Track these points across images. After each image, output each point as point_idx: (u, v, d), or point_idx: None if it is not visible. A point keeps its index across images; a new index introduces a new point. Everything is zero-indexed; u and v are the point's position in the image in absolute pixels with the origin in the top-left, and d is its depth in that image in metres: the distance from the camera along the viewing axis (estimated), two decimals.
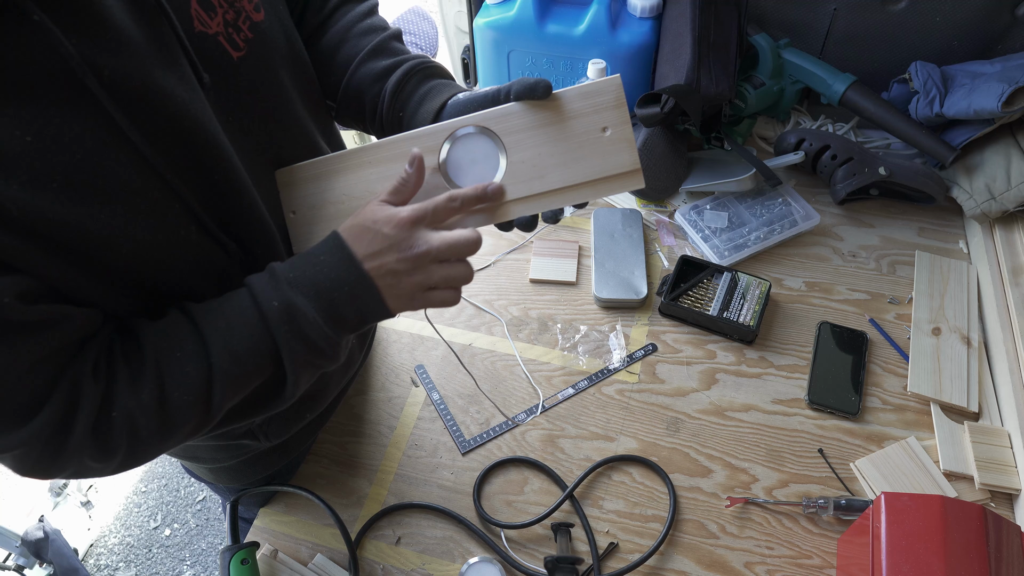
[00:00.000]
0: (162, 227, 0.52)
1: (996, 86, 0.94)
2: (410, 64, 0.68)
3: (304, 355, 0.56)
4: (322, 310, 0.55)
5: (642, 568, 0.77)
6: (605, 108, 0.60)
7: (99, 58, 0.46)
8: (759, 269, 1.02)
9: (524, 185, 0.61)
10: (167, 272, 0.55)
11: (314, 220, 0.64)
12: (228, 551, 0.74)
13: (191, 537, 1.80)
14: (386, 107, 0.69)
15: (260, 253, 0.61)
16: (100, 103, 0.46)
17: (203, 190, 0.54)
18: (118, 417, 0.51)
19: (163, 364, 0.52)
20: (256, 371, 0.56)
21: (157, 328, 0.54)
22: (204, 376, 0.53)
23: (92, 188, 0.47)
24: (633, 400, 0.90)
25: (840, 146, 1.06)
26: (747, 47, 1.13)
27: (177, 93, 0.50)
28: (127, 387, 0.52)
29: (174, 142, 0.51)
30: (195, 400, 0.53)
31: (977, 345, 0.91)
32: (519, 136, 0.61)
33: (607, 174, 0.60)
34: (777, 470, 0.83)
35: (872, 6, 1.08)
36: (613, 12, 1.10)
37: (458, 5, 1.32)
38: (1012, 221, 1.00)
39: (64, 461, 0.51)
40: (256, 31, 0.58)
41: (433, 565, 0.78)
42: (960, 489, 0.80)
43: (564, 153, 0.61)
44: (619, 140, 0.60)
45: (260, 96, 0.59)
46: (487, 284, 1.03)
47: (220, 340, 0.54)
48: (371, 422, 0.90)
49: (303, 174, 0.65)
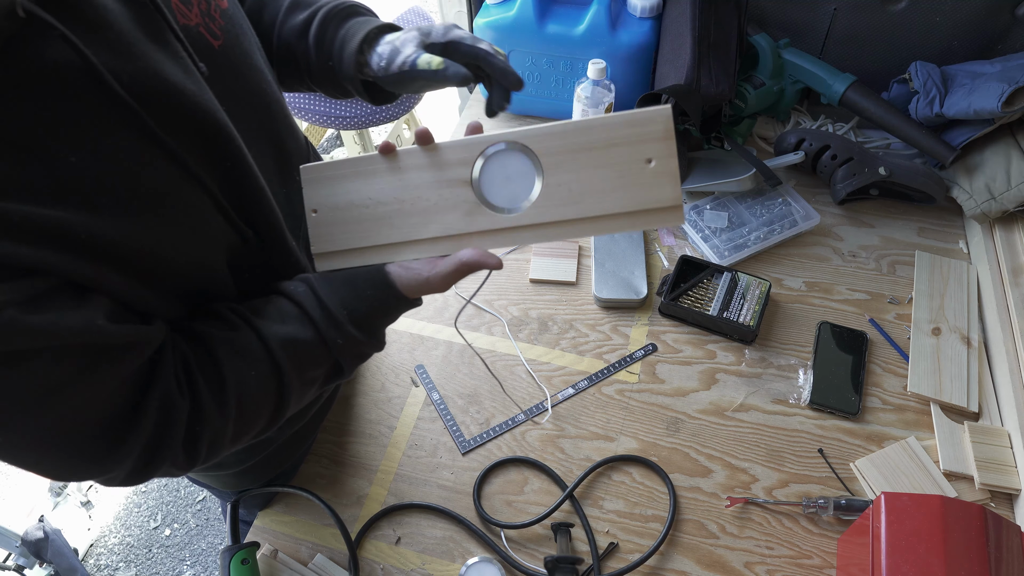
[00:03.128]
0: (198, 225, 0.53)
1: (996, 86, 0.94)
2: (325, 11, 0.68)
3: (359, 360, 0.65)
4: (374, 335, 0.63)
5: (642, 568, 0.77)
6: (652, 139, 0.57)
7: (114, 62, 0.46)
8: (759, 269, 1.02)
9: (558, 210, 0.58)
10: (205, 269, 0.56)
11: (336, 221, 0.63)
12: (228, 551, 0.74)
13: (191, 537, 1.80)
14: (314, 61, 0.69)
15: (271, 239, 0.62)
16: (128, 107, 0.46)
17: (222, 180, 0.55)
18: (204, 429, 0.53)
19: (240, 380, 0.55)
20: (318, 380, 0.62)
21: (233, 344, 0.56)
22: (277, 393, 0.58)
23: (136, 198, 0.47)
24: (633, 400, 0.90)
25: (840, 146, 1.06)
26: (747, 47, 1.13)
27: (187, 87, 0.51)
28: (210, 401, 0.54)
29: (194, 135, 0.51)
30: (268, 413, 0.58)
31: (977, 345, 0.91)
32: (558, 158, 0.58)
33: (646, 207, 0.57)
34: (777, 470, 0.83)
35: (872, 6, 1.08)
36: (613, 12, 1.10)
37: (458, 5, 1.32)
38: (1012, 221, 1.00)
39: (154, 472, 0.52)
40: (226, 18, 0.59)
41: (433, 565, 0.78)
42: (960, 489, 0.80)
43: (603, 180, 0.58)
44: (663, 173, 0.57)
45: (242, 82, 0.60)
46: (487, 284, 1.03)
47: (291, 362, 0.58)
48: (371, 422, 0.90)
49: (328, 172, 0.63)
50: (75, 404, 0.46)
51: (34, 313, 0.42)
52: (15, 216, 0.41)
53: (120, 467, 0.50)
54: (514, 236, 0.60)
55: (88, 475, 0.50)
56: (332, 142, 2.68)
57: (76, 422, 0.47)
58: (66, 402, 0.45)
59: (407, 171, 0.61)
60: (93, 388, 0.47)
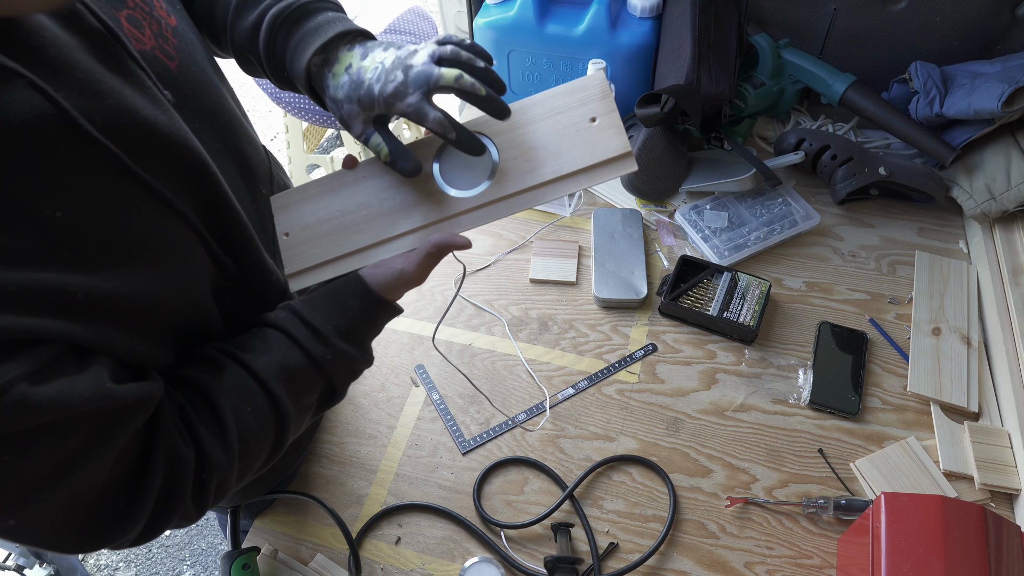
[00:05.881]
0: (186, 262, 0.52)
1: (996, 86, 0.94)
2: (271, 16, 0.61)
3: (352, 378, 0.64)
4: (362, 347, 0.62)
5: (642, 568, 0.77)
6: (592, 100, 0.61)
7: (84, 104, 0.44)
8: (759, 269, 1.02)
9: (519, 180, 0.61)
10: (194, 310, 0.55)
11: (307, 239, 0.64)
12: (229, 557, 0.74)
13: (191, 537, 1.80)
14: (267, 69, 0.65)
15: (250, 263, 0.61)
16: (105, 150, 0.44)
17: (201, 210, 0.54)
18: (210, 476, 0.52)
19: (239, 420, 0.54)
20: (313, 404, 0.61)
21: (225, 385, 0.55)
22: (275, 425, 0.57)
23: (125, 244, 0.46)
24: (633, 400, 0.90)
25: (840, 146, 1.06)
26: (747, 47, 1.13)
27: (159, 119, 0.49)
28: (214, 445, 0.53)
29: (171, 168, 0.50)
30: (269, 447, 0.58)
31: (977, 345, 0.91)
32: (510, 136, 0.62)
33: (599, 160, 0.61)
34: (777, 470, 0.83)
35: (872, 6, 1.08)
36: (613, 12, 1.10)
37: (458, 5, 1.32)
38: (1012, 221, 1.00)
39: (163, 529, 0.50)
40: (178, 36, 0.56)
41: (433, 565, 0.78)
42: (960, 489, 0.80)
43: (555, 145, 0.61)
44: (608, 127, 0.61)
45: (203, 101, 0.58)
46: (487, 284, 1.03)
47: (285, 390, 0.57)
48: (371, 422, 0.90)
49: (297, 197, 0.65)
50: (87, 475, 0.44)
51: (43, 385, 0.40)
52: (11, 286, 0.39)
53: (134, 529, 0.48)
54: (481, 214, 0.62)
55: (102, 544, 0.48)
56: (332, 142, 2.68)
57: (88, 493, 0.45)
58: (78, 474, 0.43)
59: (371, 178, 0.64)
60: (104, 455, 0.45)
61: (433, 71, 0.56)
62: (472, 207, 0.62)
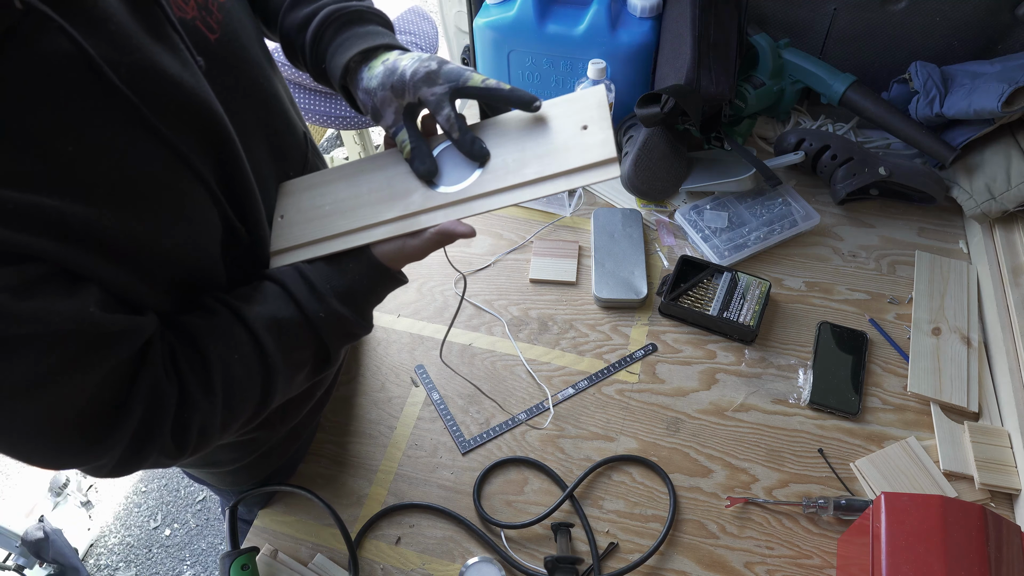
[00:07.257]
0: (195, 215, 0.53)
1: (996, 86, 0.94)
2: (325, 12, 0.66)
3: (346, 340, 0.64)
4: (358, 311, 0.62)
5: (642, 568, 0.77)
6: (586, 109, 0.63)
7: (112, 54, 0.46)
8: (759, 269, 1.02)
9: (507, 177, 0.62)
10: (198, 264, 0.57)
11: (296, 223, 0.66)
12: (228, 557, 0.74)
13: (191, 537, 1.80)
14: (309, 59, 0.69)
15: (259, 239, 0.63)
16: (126, 99, 0.46)
17: (217, 174, 0.55)
18: (192, 416, 0.54)
19: (224, 365, 0.55)
20: (306, 363, 0.61)
21: (214, 330, 0.56)
22: (262, 376, 0.58)
23: (133, 188, 0.48)
24: (633, 400, 0.90)
25: (840, 146, 1.06)
26: (747, 47, 1.13)
27: (185, 79, 0.51)
28: (196, 386, 0.54)
29: (191, 127, 0.52)
30: (257, 396, 0.58)
31: (977, 345, 0.91)
32: (501, 139, 0.64)
33: (584, 164, 0.61)
34: (777, 470, 0.83)
35: (872, 6, 1.08)
36: (613, 12, 1.10)
37: (458, 5, 1.33)
38: (1012, 221, 1.00)
39: (143, 461, 0.52)
40: (224, 12, 0.58)
41: (433, 565, 0.78)
42: (960, 489, 0.80)
43: (544, 148, 0.62)
44: (598, 134, 0.61)
45: (240, 76, 0.60)
46: (487, 284, 1.03)
47: (274, 342, 0.57)
48: (371, 422, 0.90)
49: (303, 184, 0.68)
50: (64, 393, 0.46)
51: (26, 299, 0.42)
52: (10, 204, 0.41)
53: (109, 455, 0.50)
54: (466, 207, 0.63)
55: (76, 463, 0.50)
56: (332, 142, 2.68)
57: (65, 410, 0.47)
58: (55, 390, 0.45)
59: (369, 172, 0.67)
60: (83, 377, 0.47)
61: (465, 71, 0.62)
62: (460, 199, 0.63)
